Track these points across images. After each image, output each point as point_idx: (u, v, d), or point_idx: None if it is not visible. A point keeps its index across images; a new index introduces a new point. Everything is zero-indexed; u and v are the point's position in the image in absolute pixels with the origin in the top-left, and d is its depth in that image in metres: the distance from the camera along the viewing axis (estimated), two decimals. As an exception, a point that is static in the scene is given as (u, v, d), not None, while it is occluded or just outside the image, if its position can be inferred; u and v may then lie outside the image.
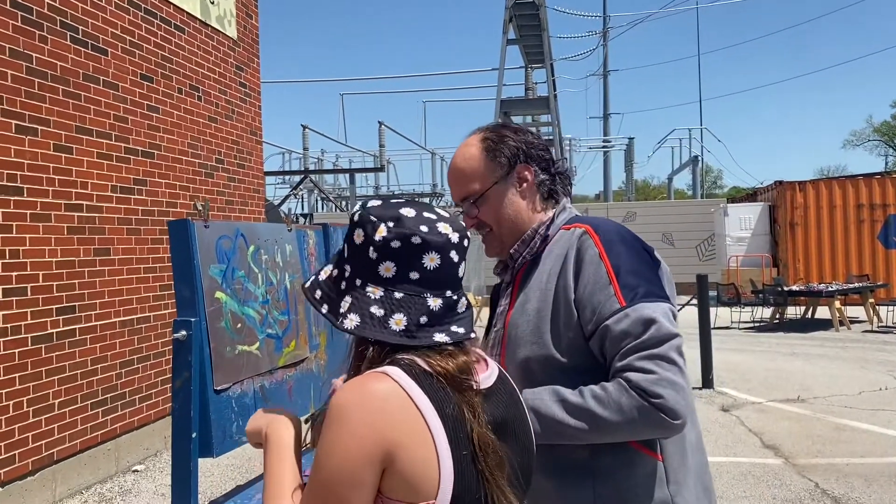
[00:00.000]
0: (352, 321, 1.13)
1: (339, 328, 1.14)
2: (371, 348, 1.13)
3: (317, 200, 31.48)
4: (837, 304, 13.23)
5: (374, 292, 1.14)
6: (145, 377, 6.06)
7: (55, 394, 5.08)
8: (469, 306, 1.21)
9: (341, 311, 1.15)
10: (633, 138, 32.11)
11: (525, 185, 1.64)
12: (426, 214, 1.17)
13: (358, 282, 1.15)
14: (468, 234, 1.20)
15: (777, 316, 14.10)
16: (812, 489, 5.01)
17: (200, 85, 7.01)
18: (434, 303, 1.14)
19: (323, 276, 1.22)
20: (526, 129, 1.70)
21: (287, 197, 24.62)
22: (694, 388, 8.20)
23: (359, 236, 1.16)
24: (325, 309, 1.17)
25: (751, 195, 21.87)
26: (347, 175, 27.31)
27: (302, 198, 31.44)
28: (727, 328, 13.90)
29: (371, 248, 1.14)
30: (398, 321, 1.12)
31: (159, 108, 6.36)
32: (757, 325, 14.32)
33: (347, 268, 1.17)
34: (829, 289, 13.43)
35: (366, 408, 1.04)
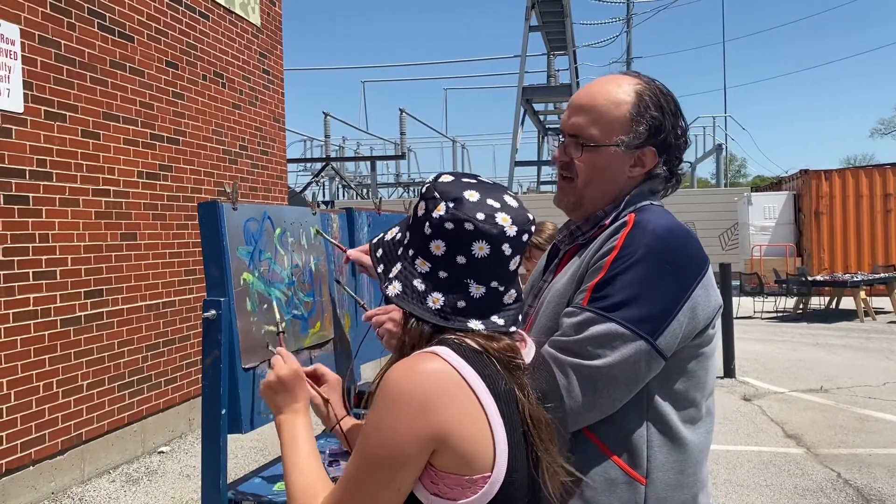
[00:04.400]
0: (395, 288, 1.15)
1: (382, 291, 1.16)
2: (412, 321, 1.15)
3: (338, 188, 31.63)
4: (863, 294, 13.07)
5: (422, 266, 1.15)
6: (171, 360, 6.15)
7: (83, 375, 5.18)
8: (518, 299, 1.19)
9: (390, 275, 1.17)
10: (656, 126, 31.65)
11: (639, 168, 1.47)
12: (489, 201, 1.15)
13: (411, 252, 1.17)
14: (531, 229, 1.17)
15: (801, 306, 13.97)
16: (834, 479, 4.99)
17: (224, 72, 7.06)
18: (476, 290, 1.14)
19: (388, 236, 1.23)
20: (683, 115, 1.49)
21: (309, 184, 24.76)
22: (716, 377, 8.15)
23: (421, 208, 1.17)
24: (380, 269, 1.20)
25: (775, 184, 21.63)
26: (368, 162, 27.39)
27: (323, 185, 31.59)
28: (749, 318, 13.80)
29: (427, 224, 1.15)
30: (436, 300, 1.13)
31: (184, 94, 6.43)
32: (780, 315, 14.20)
33: (407, 235, 1.19)
34: (855, 279, 13.27)
35: (417, 389, 1.05)
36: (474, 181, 1.18)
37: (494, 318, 1.15)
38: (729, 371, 8.25)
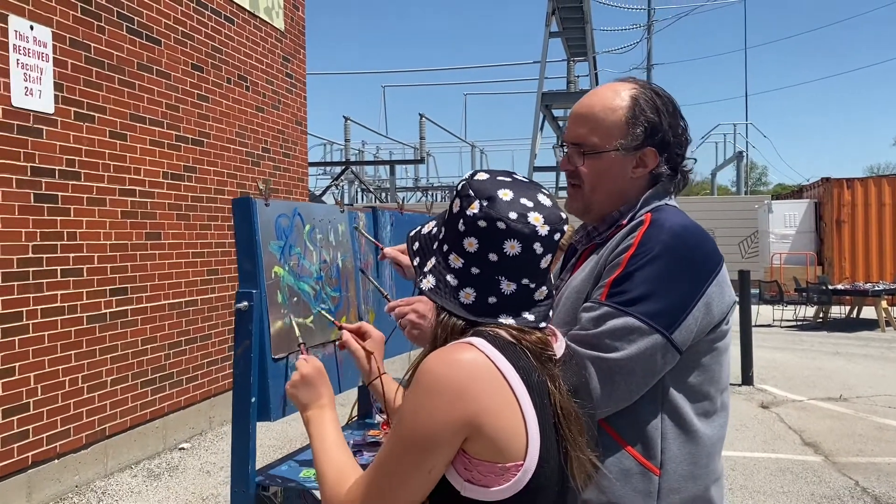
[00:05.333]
0: (428, 282, 1.20)
1: (416, 285, 1.21)
2: (444, 314, 1.19)
3: (357, 191, 31.81)
4: (884, 303, 12.96)
5: (455, 262, 1.19)
6: (192, 359, 6.24)
7: (108, 371, 5.28)
8: (549, 296, 1.23)
9: (425, 269, 1.21)
10: (676, 133, 31.72)
11: (641, 169, 1.52)
12: (522, 200, 1.18)
13: (445, 247, 1.21)
14: (563, 228, 1.20)
15: (821, 315, 13.87)
16: (852, 487, 4.97)
17: (248, 75, 7.17)
18: (507, 287, 1.17)
19: (425, 230, 1.28)
20: (681, 115, 1.55)
21: (329, 187, 24.92)
22: (733, 385, 8.14)
23: (456, 205, 1.20)
24: (416, 262, 1.24)
25: (796, 192, 21.50)
26: (387, 166, 27.51)
27: (343, 189, 31.77)
28: (769, 326, 13.71)
29: (461, 221, 1.18)
30: (467, 295, 1.17)
31: (209, 97, 6.53)
32: (800, 323, 14.10)
33: (443, 230, 1.23)
34: (876, 288, 13.16)
35: (452, 377, 1.09)
36: (509, 180, 1.21)
37: (525, 314, 1.19)
38: (747, 378, 8.21)
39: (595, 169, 1.52)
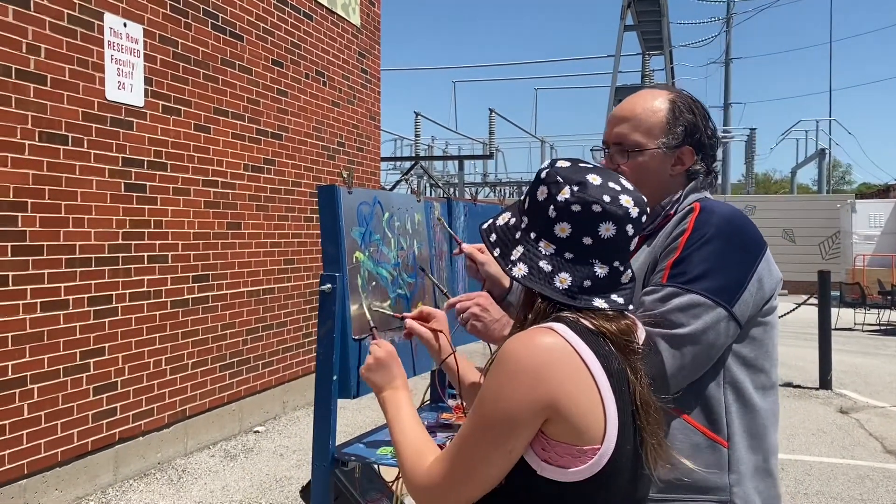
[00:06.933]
0: (520, 270, 1.21)
1: (507, 273, 1.23)
2: (539, 301, 1.21)
3: (426, 186, 32.04)
4: (977, 310, 12.31)
5: (546, 248, 1.21)
6: (268, 344, 6.45)
7: (189, 355, 5.51)
8: (633, 279, 1.26)
9: (512, 258, 1.23)
10: (754, 129, 31.05)
11: (679, 167, 1.62)
12: (611, 184, 1.21)
13: (532, 235, 1.23)
14: (647, 210, 1.24)
15: (907, 320, 13.27)
16: (936, 498, 4.78)
17: (325, 70, 7.33)
18: (601, 270, 1.20)
19: (500, 221, 1.30)
20: (710, 118, 1.66)
21: (398, 182, 25.17)
22: (810, 388, 7.89)
23: (542, 193, 1.23)
24: (496, 252, 1.26)
25: (882, 191, 20.59)
26: (456, 162, 27.61)
27: (412, 184, 32.05)
28: (849, 330, 13.20)
29: (552, 207, 1.20)
30: (563, 280, 1.19)
31: (288, 92, 6.72)
32: (883, 328, 13.52)
33: (525, 219, 1.25)
34: (968, 293, 12.51)
35: (533, 359, 1.12)
36: (590, 165, 1.25)
37: (614, 297, 1.21)
38: (825, 382, 7.95)
39: (637, 167, 1.60)
